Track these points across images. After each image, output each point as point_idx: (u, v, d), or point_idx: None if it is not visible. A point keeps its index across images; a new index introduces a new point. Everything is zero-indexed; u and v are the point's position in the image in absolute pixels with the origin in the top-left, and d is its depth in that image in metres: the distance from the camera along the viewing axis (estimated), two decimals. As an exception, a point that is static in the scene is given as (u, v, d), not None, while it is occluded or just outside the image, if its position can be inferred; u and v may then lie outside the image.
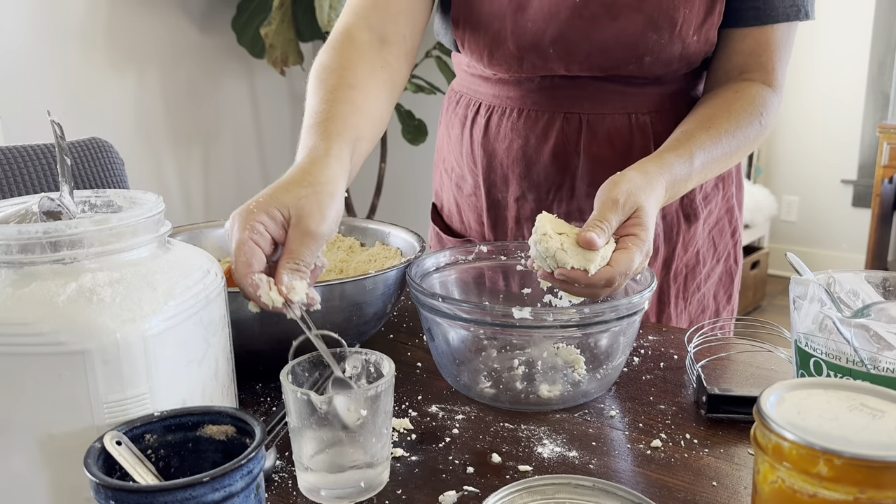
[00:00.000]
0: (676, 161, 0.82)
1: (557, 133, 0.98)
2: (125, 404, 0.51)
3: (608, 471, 0.64)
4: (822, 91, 3.76)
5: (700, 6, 0.89)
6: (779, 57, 0.93)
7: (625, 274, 0.71)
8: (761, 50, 0.92)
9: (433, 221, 1.17)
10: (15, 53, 2.21)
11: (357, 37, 0.89)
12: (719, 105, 0.90)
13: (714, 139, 0.86)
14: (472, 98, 1.06)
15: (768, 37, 0.91)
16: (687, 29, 0.89)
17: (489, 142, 1.03)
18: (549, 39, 0.92)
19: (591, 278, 0.70)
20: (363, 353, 0.64)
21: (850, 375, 0.58)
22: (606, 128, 0.97)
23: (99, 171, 1.35)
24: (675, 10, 0.88)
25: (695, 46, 0.91)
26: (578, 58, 0.92)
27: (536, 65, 0.94)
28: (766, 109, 0.91)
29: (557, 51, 0.92)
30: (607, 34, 0.90)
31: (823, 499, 0.42)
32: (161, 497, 0.44)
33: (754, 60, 0.92)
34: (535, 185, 1.01)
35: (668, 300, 1.05)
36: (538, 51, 0.93)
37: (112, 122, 2.51)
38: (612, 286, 0.72)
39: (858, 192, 3.77)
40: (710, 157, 0.86)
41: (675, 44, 0.90)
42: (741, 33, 0.92)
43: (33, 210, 0.58)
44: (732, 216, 1.10)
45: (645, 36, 0.89)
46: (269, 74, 3.03)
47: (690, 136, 0.86)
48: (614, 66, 0.92)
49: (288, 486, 0.62)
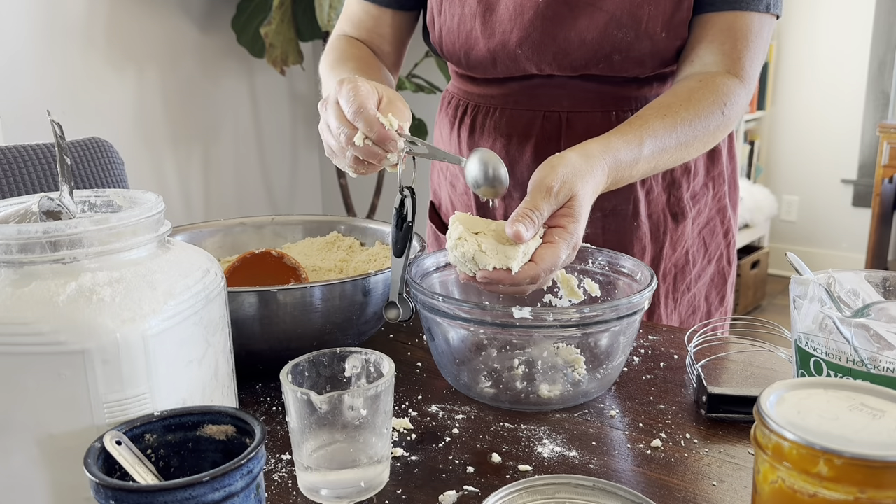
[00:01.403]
0: (623, 145, 0.79)
1: (538, 131, 0.98)
2: (125, 404, 0.51)
3: (608, 471, 0.64)
4: (822, 90, 3.76)
5: (666, 2, 0.88)
6: (746, 47, 0.89)
7: (549, 270, 0.69)
8: (724, 37, 0.89)
9: (430, 220, 1.17)
10: (15, 53, 2.21)
11: (353, 40, 1.04)
12: (679, 94, 0.87)
13: (668, 127, 0.83)
14: (462, 99, 1.07)
15: (730, 24, 0.89)
16: (653, 25, 0.89)
17: (475, 141, 1.04)
18: (515, 40, 0.93)
19: (514, 277, 0.68)
20: (363, 352, 0.64)
21: (851, 375, 0.58)
22: (586, 125, 0.97)
23: (99, 171, 1.35)
24: (639, 7, 0.88)
25: (665, 43, 0.90)
26: (547, 58, 0.93)
27: (508, 66, 0.95)
28: (729, 100, 0.87)
29: (525, 51, 0.93)
30: (571, 33, 0.90)
31: (823, 499, 0.42)
32: (161, 497, 0.44)
33: (717, 48, 0.89)
34: (520, 182, 1.01)
35: (657, 300, 1.05)
36: (507, 52, 0.94)
37: (112, 122, 2.51)
38: (537, 283, 0.70)
39: (858, 192, 3.77)
40: (662, 146, 0.82)
41: (643, 41, 0.89)
42: (702, 20, 0.90)
43: (33, 210, 0.58)
44: (725, 216, 1.09)
45: (608, 34, 0.89)
46: (269, 74, 3.03)
47: (644, 121, 0.83)
48: (583, 66, 0.93)
49: (288, 486, 0.62)
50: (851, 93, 3.70)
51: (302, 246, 1.01)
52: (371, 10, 1.04)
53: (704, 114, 0.85)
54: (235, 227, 1.03)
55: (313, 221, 1.05)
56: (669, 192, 1.02)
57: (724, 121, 0.88)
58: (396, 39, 1.07)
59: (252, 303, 0.75)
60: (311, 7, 2.48)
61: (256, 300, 0.75)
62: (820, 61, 3.72)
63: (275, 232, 1.04)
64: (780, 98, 3.89)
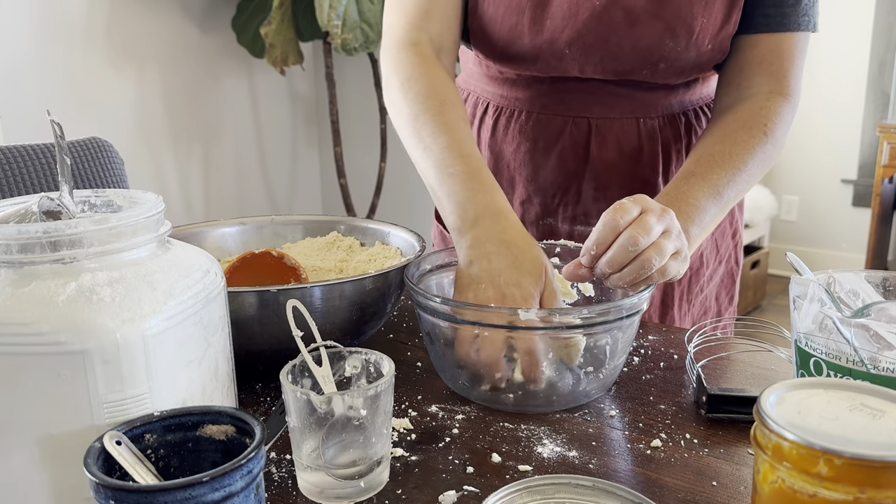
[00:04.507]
0: (711, 222, 0.84)
1: (566, 137, 0.97)
2: (125, 404, 0.51)
3: (608, 471, 0.64)
4: (822, 90, 3.76)
5: (717, 15, 0.88)
6: (791, 65, 0.91)
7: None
8: (773, 57, 0.90)
9: (437, 220, 1.16)
10: (15, 53, 2.21)
11: (424, 51, 0.92)
12: (728, 140, 0.88)
13: (735, 183, 0.85)
14: (480, 97, 1.05)
15: (779, 45, 0.90)
16: (703, 37, 0.89)
17: (496, 143, 1.03)
18: (565, 40, 0.91)
19: None
20: (363, 353, 0.64)
21: (850, 375, 0.58)
22: (615, 132, 0.96)
23: (99, 171, 1.35)
24: (694, 18, 0.88)
25: (709, 55, 0.91)
26: (593, 60, 0.92)
27: (550, 64, 0.93)
28: (770, 121, 0.89)
29: (573, 52, 0.91)
30: (625, 39, 0.89)
31: (823, 499, 0.42)
32: (161, 497, 0.44)
33: (765, 69, 0.91)
34: (542, 188, 1.00)
35: (671, 303, 1.05)
36: (553, 50, 0.92)
37: (112, 122, 2.51)
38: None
39: (858, 192, 3.77)
40: (732, 202, 0.86)
41: (691, 51, 0.90)
42: (752, 40, 0.91)
43: (33, 210, 0.58)
44: (733, 217, 1.10)
45: (662, 43, 0.89)
46: (269, 74, 3.03)
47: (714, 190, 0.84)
48: (628, 71, 0.92)
49: (288, 486, 0.62)
50: (851, 93, 3.71)
51: (302, 246, 1.01)
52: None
53: (759, 158, 0.88)
54: (235, 227, 1.03)
55: (313, 221, 1.05)
56: None
57: (768, 141, 0.89)
58: (458, 24, 0.96)
59: (252, 303, 0.75)
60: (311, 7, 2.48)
61: (256, 300, 0.75)
62: (820, 61, 3.72)
63: (275, 232, 1.04)
64: (780, 98, 3.88)
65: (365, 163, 3.20)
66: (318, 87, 3.29)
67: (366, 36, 2.51)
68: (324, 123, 3.30)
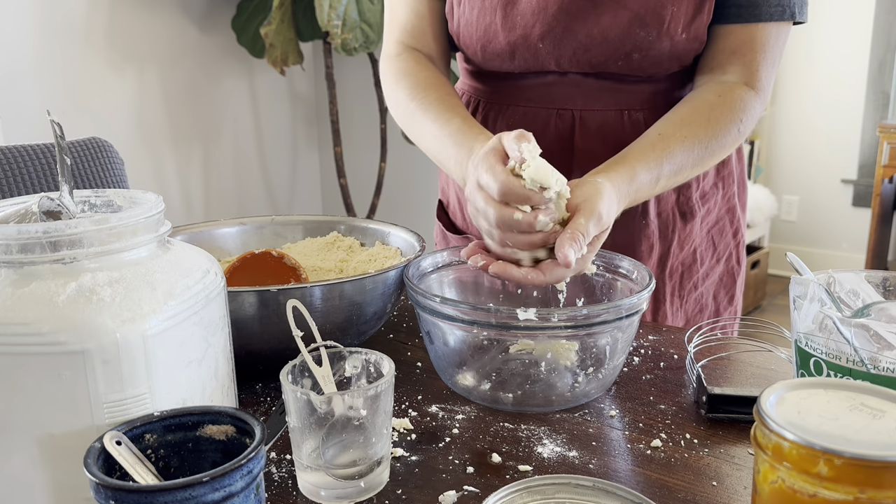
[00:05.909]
0: (645, 173, 0.84)
1: (551, 130, 0.98)
2: (125, 404, 0.51)
3: (608, 471, 0.64)
4: (822, 91, 3.76)
5: (689, 3, 0.89)
6: (763, 58, 0.91)
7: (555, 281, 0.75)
8: (745, 49, 0.91)
9: (438, 218, 1.17)
10: (15, 53, 2.21)
11: (418, 57, 1.01)
12: (700, 109, 0.89)
13: (687, 149, 0.87)
14: (472, 95, 1.07)
15: (752, 36, 0.90)
16: (675, 26, 0.89)
17: None
18: (537, 34, 0.93)
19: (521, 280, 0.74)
20: (363, 352, 0.64)
21: (851, 375, 0.58)
22: (599, 124, 0.97)
23: (99, 171, 1.35)
24: (663, 6, 0.88)
25: (684, 44, 0.91)
26: (567, 53, 0.93)
27: (528, 60, 0.95)
28: (745, 115, 0.90)
29: (546, 46, 0.93)
30: (594, 29, 0.91)
31: (823, 499, 0.42)
32: (161, 497, 0.44)
33: (738, 59, 0.91)
34: None
35: (663, 298, 1.05)
36: (528, 46, 0.94)
37: (112, 122, 2.51)
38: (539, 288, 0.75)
39: (858, 192, 3.77)
40: (680, 166, 0.87)
41: (664, 41, 0.90)
42: (725, 30, 0.91)
43: (33, 210, 0.58)
44: (734, 216, 1.10)
45: (631, 32, 0.90)
46: (269, 74, 3.03)
47: (665, 144, 0.86)
48: (603, 63, 0.93)
49: (288, 486, 0.62)
50: (851, 93, 3.71)
51: (302, 246, 1.01)
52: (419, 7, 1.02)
53: (722, 133, 0.89)
54: (235, 227, 1.03)
55: (313, 221, 1.05)
56: (679, 192, 1.03)
57: (738, 136, 0.91)
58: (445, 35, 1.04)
59: (252, 303, 0.75)
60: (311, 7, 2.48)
61: (256, 300, 0.75)
62: (820, 61, 3.72)
63: (275, 232, 1.04)
64: (780, 98, 3.89)
65: (365, 163, 3.20)
66: (318, 88, 3.29)
67: (366, 36, 2.51)
68: (324, 123, 3.30)
